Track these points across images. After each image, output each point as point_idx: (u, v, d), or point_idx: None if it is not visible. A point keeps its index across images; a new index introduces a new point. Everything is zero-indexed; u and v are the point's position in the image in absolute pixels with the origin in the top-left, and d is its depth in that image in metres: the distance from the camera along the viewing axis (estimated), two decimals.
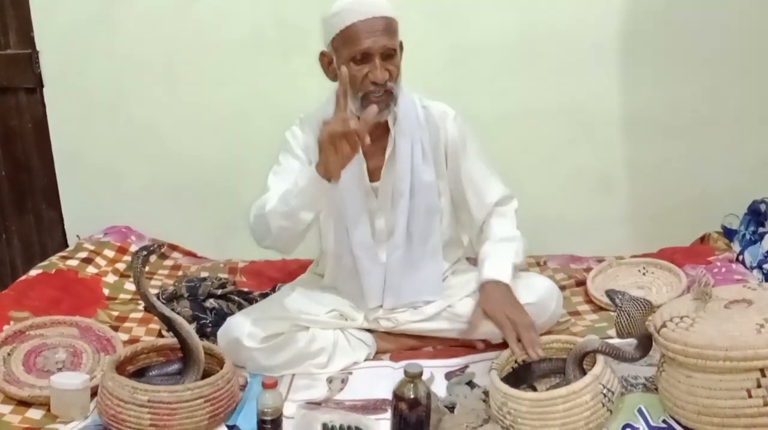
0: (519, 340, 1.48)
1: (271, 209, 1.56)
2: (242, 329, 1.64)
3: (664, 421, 1.37)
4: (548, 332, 1.72)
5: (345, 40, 1.58)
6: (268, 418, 1.37)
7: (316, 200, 1.54)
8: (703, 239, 2.31)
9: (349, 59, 1.58)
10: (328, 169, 1.46)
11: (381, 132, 1.71)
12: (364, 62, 1.57)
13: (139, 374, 1.57)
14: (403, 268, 1.77)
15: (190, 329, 1.54)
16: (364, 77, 1.58)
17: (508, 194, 1.81)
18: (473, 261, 1.98)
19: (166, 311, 1.53)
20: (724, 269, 2.00)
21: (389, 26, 1.58)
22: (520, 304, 1.59)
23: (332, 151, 1.43)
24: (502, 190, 1.80)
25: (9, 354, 1.65)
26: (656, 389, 1.42)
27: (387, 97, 1.61)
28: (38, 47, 2.40)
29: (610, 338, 1.77)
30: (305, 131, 1.73)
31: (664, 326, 1.34)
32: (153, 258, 2.20)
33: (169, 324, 1.53)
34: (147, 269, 2.26)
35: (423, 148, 1.72)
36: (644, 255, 2.21)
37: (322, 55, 1.66)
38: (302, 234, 1.62)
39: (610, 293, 1.48)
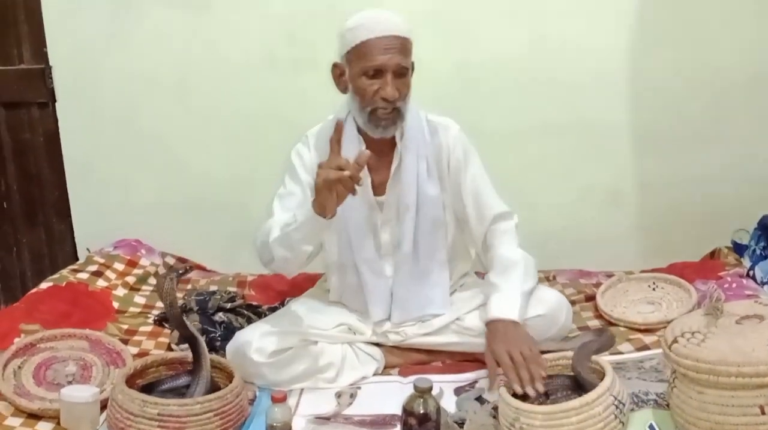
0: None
1: (274, 239, 1.61)
2: (250, 343, 1.65)
3: None
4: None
5: (360, 55, 1.60)
6: None
7: (314, 234, 1.59)
8: (713, 254, 2.30)
9: (362, 73, 1.61)
10: (323, 208, 1.50)
11: (387, 146, 1.73)
12: (375, 78, 1.60)
13: (149, 388, 1.57)
14: (410, 281, 1.77)
15: (207, 355, 1.55)
16: (374, 93, 1.61)
17: (508, 211, 1.81)
18: (482, 275, 1.98)
19: (196, 332, 1.55)
20: (734, 285, 1.99)
21: (404, 46, 1.61)
22: (527, 337, 1.58)
23: (328, 194, 1.47)
24: (501, 205, 1.80)
25: (19, 367, 1.65)
26: (667, 406, 1.40)
27: (395, 114, 1.63)
28: (51, 62, 2.43)
29: (620, 353, 1.78)
30: (310, 150, 1.76)
31: (675, 341, 1.33)
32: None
33: (193, 345, 1.54)
34: (156, 282, 2.29)
35: (428, 162, 1.73)
36: (654, 270, 2.20)
37: (335, 66, 1.69)
38: (306, 261, 1.69)
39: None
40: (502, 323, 1.62)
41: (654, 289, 2.08)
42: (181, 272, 1.58)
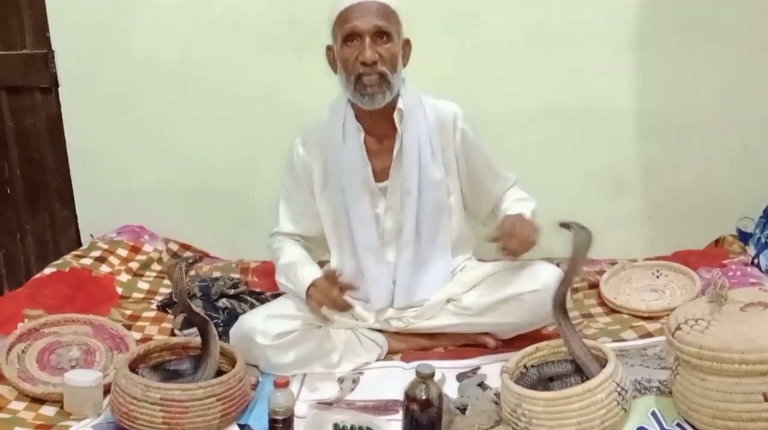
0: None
1: (278, 268, 1.80)
2: (255, 326, 1.65)
3: (678, 424, 1.36)
4: (558, 334, 1.72)
5: (339, 24, 1.63)
6: (280, 418, 1.37)
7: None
8: (717, 242, 2.29)
9: (343, 42, 1.63)
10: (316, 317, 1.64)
11: (388, 132, 1.72)
12: (354, 42, 1.61)
13: (152, 372, 1.57)
14: (413, 267, 1.77)
15: (217, 340, 1.56)
16: (355, 59, 1.62)
17: (512, 177, 1.88)
18: (484, 261, 1.98)
19: (206, 317, 1.56)
20: (739, 273, 1.98)
21: (383, 10, 1.62)
22: (534, 225, 1.67)
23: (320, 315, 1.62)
24: (509, 179, 1.87)
25: (23, 351, 1.66)
26: (670, 393, 1.40)
27: (380, 81, 1.63)
28: (54, 47, 2.41)
29: (623, 340, 1.77)
30: (309, 152, 1.79)
31: (678, 328, 1.33)
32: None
33: (203, 329, 1.54)
34: (160, 268, 2.29)
35: (432, 146, 1.73)
36: (658, 258, 2.20)
37: (328, 49, 1.71)
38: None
39: (565, 223, 1.57)
40: (517, 214, 1.70)
41: (658, 276, 2.07)
42: (191, 260, 1.58)
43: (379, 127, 1.71)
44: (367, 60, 1.60)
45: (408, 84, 1.74)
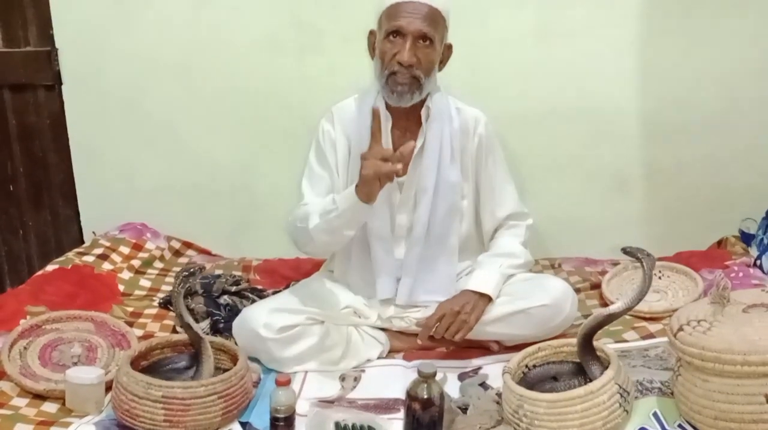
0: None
1: (315, 226, 1.63)
2: (258, 319, 1.65)
3: (679, 426, 1.36)
4: (562, 336, 1.72)
5: (387, 16, 1.64)
6: (281, 416, 1.37)
7: (358, 220, 1.63)
8: (720, 243, 2.29)
9: (385, 35, 1.64)
10: (369, 196, 1.54)
11: (412, 127, 1.73)
12: (396, 39, 1.62)
13: (153, 369, 1.57)
14: (419, 265, 1.78)
15: (211, 362, 1.53)
16: (393, 56, 1.63)
17: (523, 211, 1.86)
18: None
19: (201, 332, 1.54)
20: (741, 274, 1.98)
21: (432, 15, 1.63)
22: (478, 307, 1.68)
23: (375, 184, 1.51)
24: (517, 205, 1.85)
25: (25, 348, 1.66)
26: (672, 394, 1.40)
27: (412, 82, 1.64)
28: (57, 45, 2.42)
29: (625, 341, 1.77)
30: (334, 126, 1.77)
31: (680, 329, 1.33)
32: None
33: (198, 348, 1.53)
34: (162, 266, 2.29)
35: (452, 148, 1.74)
36: (660, 258, 2.19)
37: (371, 33, 1.72)
38: (346, 243, 1.73)
39: (630, 250, 1.44)
40: (471, 292, 1.69)
41: (660, 277, 2.07)
42: (192, 270, 1.53)
43: (406, 121, 1.72)
44: (404, 61, 1.61)
45: (437, 83, 1.74)
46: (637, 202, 2.39)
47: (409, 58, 1.60)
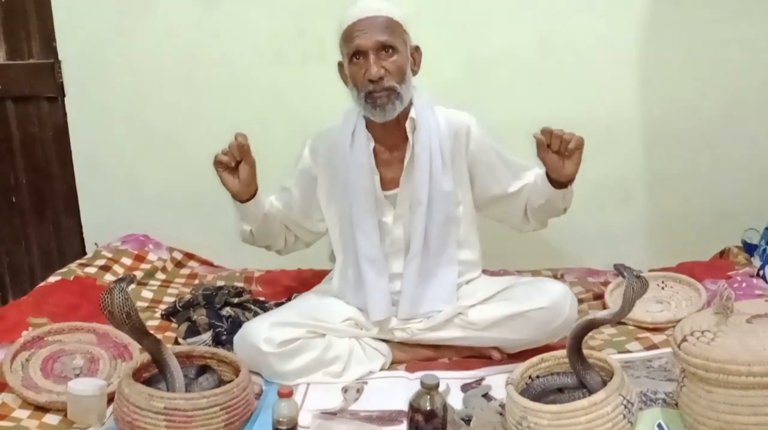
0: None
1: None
2: (259, 333, 1.65)
3: None
4: (563, 346, 1.71)
5: (344, 42, 1.65)
6: (284, 427, 1.37)
7: (243, 214, 1.80)
8: (722, 254, 2.29)
9: (349, 60, 1.65)
10: (230, 190, 1.74)
11: (399, 141, 1.73)
12: (360, 60, 1.63)
13: (155, 381, 1.57)
14: (419, 278, 1.77)
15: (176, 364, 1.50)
16: (363, 76, 1.63)
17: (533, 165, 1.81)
18: (488, 272, 1.98)
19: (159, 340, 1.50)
20: (744, 284, 1.97)
21: (386, 24, 1.63)
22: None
23: (220, 175, 1.72)
24: (527, 163, 1.81)
25: (27, 360, 1.66)
26: (676, 405, 1.39)
27: (389, 94, 1.64)
28: (60, 57, 2.43)
29: (629, 352, 1.77)
30: (313, 155, 1.83)
31: (684, 340, 1.32)
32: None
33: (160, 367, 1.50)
34: (164, 277, 2.29)
35: (443, 156, 1.73)
36: (663, 269, 2.19)
37: (339, 65, 1.73)
38: (264, 236, 1.87)
39: (620, 267, 1.49)
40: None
41: (663, 288, 2.06)
42: (130, 278, 1.50)
43: (391, 136, 1.72)
44: (372, 77, 1.61)
45: (422, 93, 1.74)
46: (640, 213, 2.39)
47: (377, 72, 1.61)
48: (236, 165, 1.71)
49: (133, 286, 1.86)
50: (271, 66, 2.34)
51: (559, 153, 1.61)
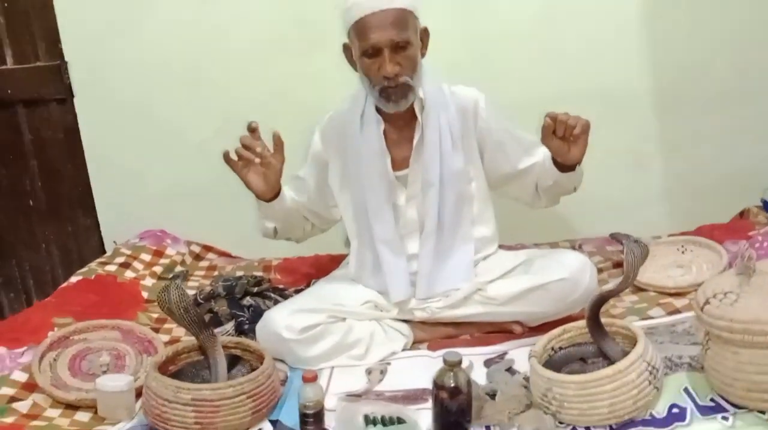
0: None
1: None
2: (280, 321, 1.66)
3: (711, 400, 1.34)
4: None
5: (357, 35, 1.62)
6: (310, 412, 1.38)
7: (266, 214, 1.78)
8: (742, 214, 2.26)
9: (362, 54, 1.63)
10: (254, 191, 1.71)
11: (408, 121, 1.72)
12: (375, 56, 1.61)
13: (182, 373, 1.58)
14: (435, 257, 1.76)
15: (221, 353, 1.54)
16: (377, 72, 1.62)
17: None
18: (506, 247, 1.97)
19: (208, 336, 1.53)
20: (765, 244, 1.93)
21: (399, 18, 1.59)
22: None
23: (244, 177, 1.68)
24: (538, 153, 1.77)
25: (55, 359, 1.68)
26: (702, 368, 1.39)
27: (403, 88, 1.63)
28: (67, 58, 2.44)
29: (651, 318, 1.75)
30: (324, 141, 1.82)
31: (707, 302, 1.31)
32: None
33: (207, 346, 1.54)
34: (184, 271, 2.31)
35: (452, 135, 1.72)
36: (682, 233, 2.17)
37: (345, 47, 1.70)
38: (287, 230, 1.86)
39: (617, 236, 1.48)
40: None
41: (683, 252, 2.04)
42: (183, 274, 1.54)
43: (400, 116, 1.71)
44: (388, 74, 1.60)
45: (429, 71, 1.72)
46: (656, 179, 2.37)
47: (393, 69, 1.59)
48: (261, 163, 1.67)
49: (185, 282, 1.96)
50: (274, 56, 2.34)
51: (564, 138, 1.57)
